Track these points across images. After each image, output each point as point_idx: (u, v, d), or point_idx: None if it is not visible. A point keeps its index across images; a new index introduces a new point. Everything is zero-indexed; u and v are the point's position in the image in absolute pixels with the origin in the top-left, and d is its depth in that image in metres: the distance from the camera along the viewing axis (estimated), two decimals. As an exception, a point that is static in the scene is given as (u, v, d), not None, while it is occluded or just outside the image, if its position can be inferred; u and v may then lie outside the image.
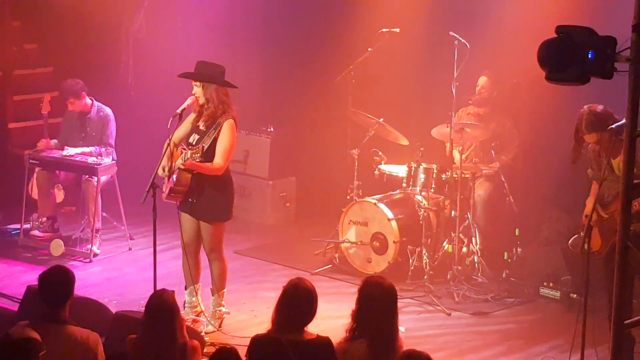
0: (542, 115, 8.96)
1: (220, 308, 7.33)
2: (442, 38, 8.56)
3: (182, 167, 6.93)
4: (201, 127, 7.10)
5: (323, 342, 5.11)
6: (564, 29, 4.29)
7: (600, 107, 6.40)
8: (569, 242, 7.23)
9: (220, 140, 6.98)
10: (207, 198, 7.08)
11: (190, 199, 7.11)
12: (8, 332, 4.96)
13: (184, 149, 7.04)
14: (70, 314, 5.33)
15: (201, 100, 7.05)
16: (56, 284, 5.28)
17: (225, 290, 7.36)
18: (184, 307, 7.21)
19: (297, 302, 5.10)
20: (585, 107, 6.46)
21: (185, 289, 7.33)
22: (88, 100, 9.14)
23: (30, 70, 11.17)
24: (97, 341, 5.30)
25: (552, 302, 8.10)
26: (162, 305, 5.25)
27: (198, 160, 6.88)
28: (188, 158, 6.87)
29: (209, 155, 6.96)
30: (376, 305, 5.13)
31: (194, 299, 7.32)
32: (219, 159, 6.99)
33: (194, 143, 7.06)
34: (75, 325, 5.28)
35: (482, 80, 8.90)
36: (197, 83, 7.05)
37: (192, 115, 7.19)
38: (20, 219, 9.17)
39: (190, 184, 7.02)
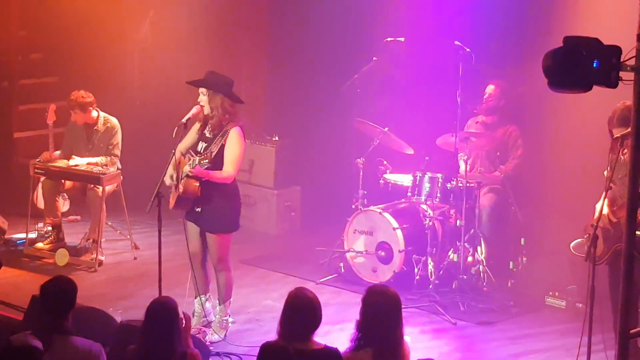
0: (546, 124, 8.94)
1: (226, 318, 7.32)
2: (447, 47, 8.55)
3: (190, 174, 6.90)
4: (208, 135, 7.10)
5: (331, 353, 5.09)
6: (570, 39, 4.29)
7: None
8: (571, 245, 7.18)
9: (229, 148, 6.95)
10: (214, 208, 7.04)
11: (196, 208, 7.10)
12: (10, 340, 4.95)
13: (192, 156, 7.02)
14: (75, 324, 5.31)
15: (206, 110, 7.04)
16: (58, 294, 5.25)
17: (231, 299, 7.35)
18: (194, 316, 7.20)
19: (299, 313, 5.07)
20: (622, 101, 6.38)
21: (195, 298, 7.32)
22: (94, 113, 9.12)
23: (36, 80, 11.21)
24: (100, 352, 5.28)
25: (557, 312, 8.08)
26: (161, 311, 5.18)
27: (206, 167, 6.86)
28: (196, 165, 6.85)
29: (217, 162, 6.92)
30: (380, 314, 5.10)
31: (202, 307, 7.29)
32: (229, 167, 6.97)
33: (201, 151, 7.04)
34: (78, 335, 5.26)
35: (490, 89, 8.89)
36: (204, 91, 7.03)
37: (198, 125, 7.18)
38: (25, 229, 9.18)
39: (198, 193, 7.00)
